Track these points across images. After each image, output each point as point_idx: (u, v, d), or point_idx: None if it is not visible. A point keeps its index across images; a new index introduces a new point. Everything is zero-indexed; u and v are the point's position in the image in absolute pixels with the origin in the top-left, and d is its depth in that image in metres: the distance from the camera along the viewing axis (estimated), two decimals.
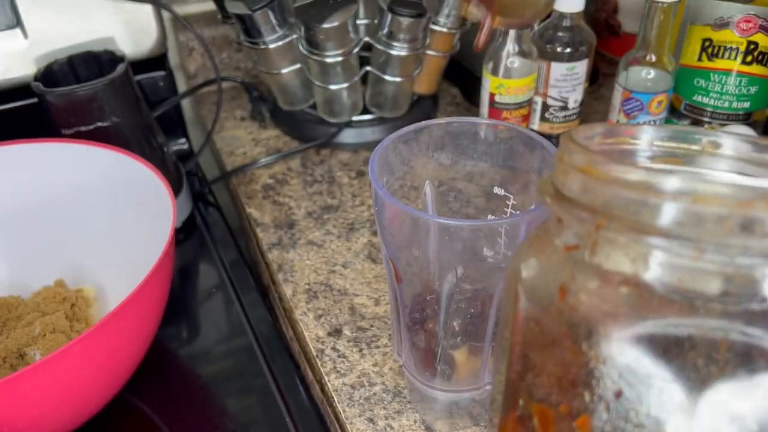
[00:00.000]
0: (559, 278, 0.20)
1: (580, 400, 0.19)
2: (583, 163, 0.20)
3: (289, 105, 0.72)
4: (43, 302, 0.50)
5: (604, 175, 0.19)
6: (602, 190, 0.19)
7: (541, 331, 0.20)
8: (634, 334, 0.18)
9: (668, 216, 0.18)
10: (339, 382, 0.46)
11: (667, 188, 0.18)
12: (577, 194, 0.20)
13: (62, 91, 0.53)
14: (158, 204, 0.47)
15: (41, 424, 0.39)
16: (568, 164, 0.21)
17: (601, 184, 0.19)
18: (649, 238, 0.18)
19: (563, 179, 0.21)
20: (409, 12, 0.61)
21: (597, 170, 0.19)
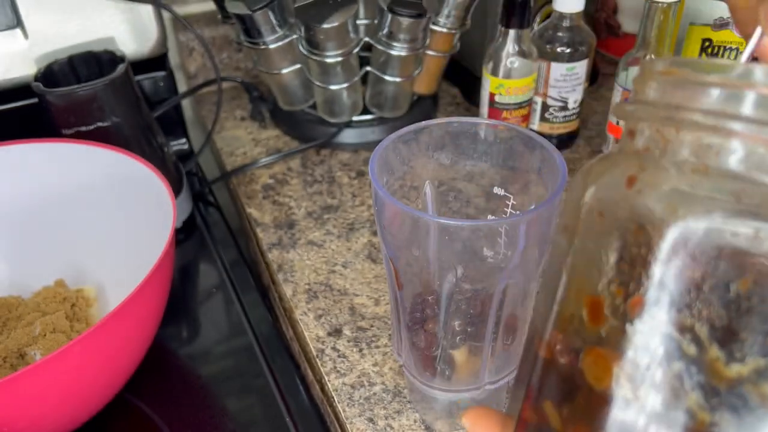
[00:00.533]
0: (627, 172, 0.20)
1: (637, 280, 0.19)
2: (663, 68, 0.21)
3: (289, 105, 0.72)
4: (44, 302, 0.50)
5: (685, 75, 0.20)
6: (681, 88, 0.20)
7: (603, 220, 0.21)
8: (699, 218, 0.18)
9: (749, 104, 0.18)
10: (339, 382, 0.46)
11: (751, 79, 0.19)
12: (656, 99, 0.21)
13: (62, 91, 0.53)
14: (158, 204, 0.47)
15: (41, 424, 0.39)
16: (647, 73, 0.21)
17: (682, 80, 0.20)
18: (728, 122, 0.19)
19: (640, 89, 0.22)
20: (409, 12, 0.61)
21: (679, 71, 0.20)
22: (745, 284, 0.18)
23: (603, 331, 0.20)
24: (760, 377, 0.18)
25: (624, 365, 0.19)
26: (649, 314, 0.19)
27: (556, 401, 0.21)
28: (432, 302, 0.38)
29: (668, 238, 0.19)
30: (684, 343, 0.19)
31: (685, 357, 0.19)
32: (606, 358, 0.20)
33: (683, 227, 0.19)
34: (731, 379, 0.18)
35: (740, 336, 0.18)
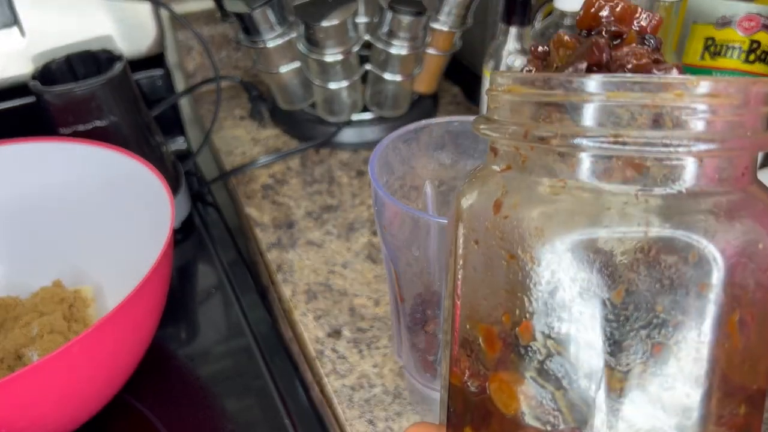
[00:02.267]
0: (492, 196, 0.21)
1: (520, 307, 0.20)
2: (507, 85, 0.22)
3: (288, 104, 0.71)
4: (41, 303, 0.49)
5: (526, 89, 0.21)
6: (527, 104, 0.21)
7: (479, 248, 0.21)
8: (564, 235, 0.19)
9: (588, 115, 0.19)
10: (339, 384, 0.46)
11: (585, 89, 0.19)
12: (506, 116, 0.22)
13: (60, 89, 0.53)
14: (157, 204, 0.46)
15: (39, 424, 0.39)
16: (495, 91, 0.22)
17: (525, 98, 0.21)
18: (573, 139, 0.19)
19: (492, 107, 0.23)
20: (410, 10, 0.60)
21: (520, 87, 0.21)
22: (619, 294, 0.19)
23: (501, 357, 0.21)
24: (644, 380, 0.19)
25: (527, 389, 0.20)
26: (539, 337, 0.20)
27: (475, 426, 0.22)
28: (432, 303, 0.38)
29: (541, 262, 0.19)
30: (577, 358, 0.19)
31: (580, 373, 0.19)
32: (509, 383, 0.20)
33: (551, 249, 0.19)
34: (624, 387, 0.19)
35: (624, 345, 0.19)
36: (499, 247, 0.20)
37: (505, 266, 0.20)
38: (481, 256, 0.21)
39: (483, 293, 0.21)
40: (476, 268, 0.22)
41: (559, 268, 0.19)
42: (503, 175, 0.22)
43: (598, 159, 0.19)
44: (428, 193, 0.41)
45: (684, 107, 0.19)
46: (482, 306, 0.22)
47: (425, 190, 0.41)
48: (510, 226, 0.20)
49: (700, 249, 0.18)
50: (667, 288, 0.19)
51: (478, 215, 0.21)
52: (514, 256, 0.20)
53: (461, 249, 0.22)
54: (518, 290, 0.20)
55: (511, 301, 0.20)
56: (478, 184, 0.22)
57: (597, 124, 0.19)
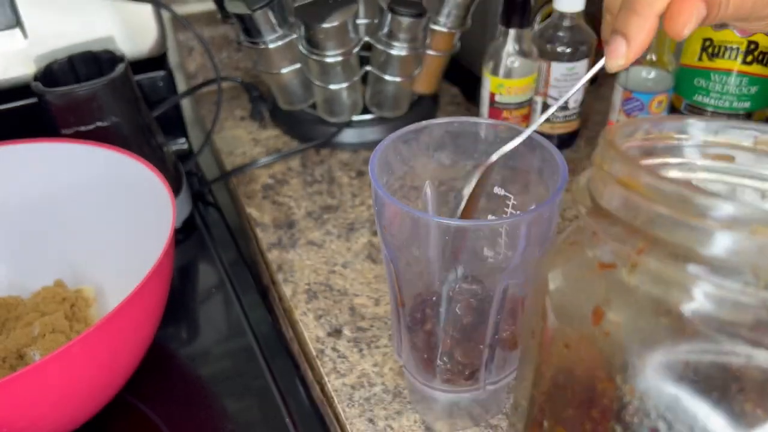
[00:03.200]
0: (592, 298, 0.18)
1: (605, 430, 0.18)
2: (624, 175, 0.18)
3: (288, 105, 0.72)
4: (43, 302, 0.49)
5: (647, 191, 0.17)
6: (646, 208, 0.17)
7: (572, 356, 0.19)
8: (674, 369, 0.17)
9: (719, 246, 0.16)
10: (339, 383, 0.46)
11: (721, 215, 0.16)
12: (617, 209, 0.18)
13: (62, 90, 0.53)
14: (158, 204, 0.47)
15: (41, 424, 0.39)
16: (608, 174, 0.19)
17: (644, 201, 0.17)
18: (695, 267, 0.16)
19: (601, 189, 0.19)
20: (409, 12, 0.61)
21: (640, 185, 0.17)
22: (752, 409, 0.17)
23: None
24: None
25: None
26: None
27: None
28: (432, 302, 0.38)
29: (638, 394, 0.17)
30: None
31: None
32: None
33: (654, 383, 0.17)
34: None
35: None
36: (595, 365, 0.18)
37: (600, 388, 0.18)
38: (572, 362, 0.19)
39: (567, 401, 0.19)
40: (563, 373, 0.19)
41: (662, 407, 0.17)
42: (605, 275, 0.18)
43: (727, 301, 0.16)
44: (428, 193, 0.41)
45: None
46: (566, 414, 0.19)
47: (425, 190, 0.41)
48: (611, 346, 0.17)
49: None
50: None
51: (571, 314, 0.19)
52: (612, 381, 0.18)
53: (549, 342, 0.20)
54: (611, 417, 0.18)
55: (601, 425, 0.18)
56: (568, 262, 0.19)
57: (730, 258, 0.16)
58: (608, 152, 0.19)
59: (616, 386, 0.18)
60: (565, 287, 0.19)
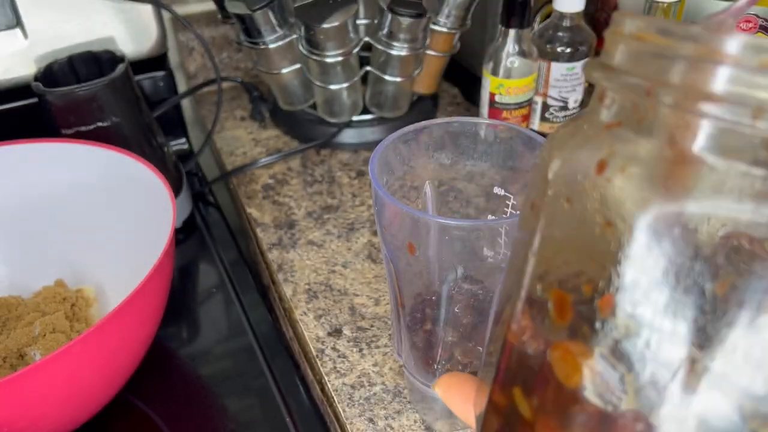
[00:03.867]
0: (596, 155, 0.19)
1: (607, 279, 0.18)
2: (638, 29, 0.18)
3: (289, 105, 0.72)
4: (43, 302, 0.49)
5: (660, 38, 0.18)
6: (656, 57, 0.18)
7: (571, 208, 0.19)
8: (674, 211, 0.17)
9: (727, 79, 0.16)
10: (339, 382, 0.46)
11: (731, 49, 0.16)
12: (628, 62, 0.19)
13: (62, 91, 0.53)
14: (158, 204, 0.47)
15: (41, 424, 0.39)
16: (620, 33, 0.19)
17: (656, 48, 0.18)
18: (705, 103, 0.17)
19: (613, 51, 0.19)
20: (409, 12, 0.61)
21: (653, 35, 0.18)
22: (723, 287, 0.17)
23: (571, 326, 0.19)
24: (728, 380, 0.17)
25: (594, 365, 0.18)
26: (620, 315, 0.18)
27: (526, 389, 0.21)
28: (432, 302, 0.38)
29: (642, 236, 0.17)
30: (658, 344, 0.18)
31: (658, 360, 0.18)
32: (574, 355, 0.19)
33: (656, 223, 0.17)
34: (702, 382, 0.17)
35: (715, 340, 0.17)
36: (595, 211, 0.18)
37: (599, 233, 0.18)
38: (572, 217, 0.19)
39: (565, 257, 0.20)
40: (562, 229, 0.20)
41: (661, 246, 0.17)
42: (611, 132, 0.19)
43: (730, 133, 0.17)
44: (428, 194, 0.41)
45: None
46: (561, 270, 0.20)
47: (425, 191, 0.41)
48: (613, 190, 0.18)
49: None
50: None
51: (575, 171, 0.19)
52: (611, 223, 0.18)
53: (548, 205, 0.20)
54: (608, 262, 0.18)
55: (598, 271, 0.18)
56: (578, 136, 0.20)
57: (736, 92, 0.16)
58: (622, 17, 0.19)
59: (615, 228, 0.18)
60: (568, 154, 0.20)
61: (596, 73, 0.20)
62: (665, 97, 0.17)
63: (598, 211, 0.18)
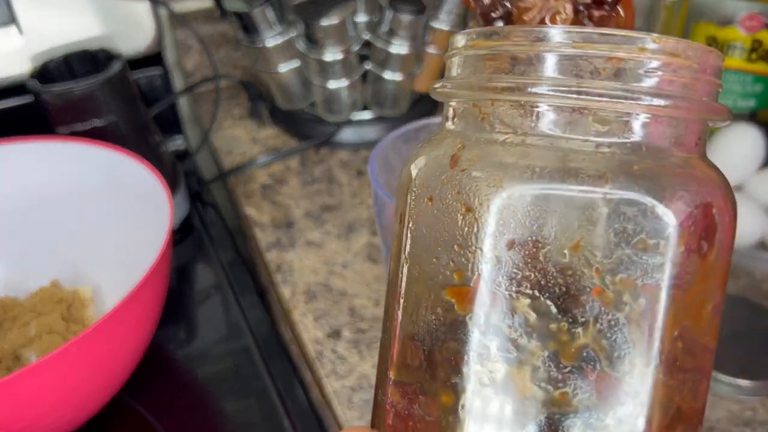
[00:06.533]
0: (449, 152, 0.21)
1: (474, 262, 0.20)
2: (470, 41, 0.21)
3: (288, 104, 0.71)
4: (40, 303, 0.49)
5: (491, 42, 0.21)
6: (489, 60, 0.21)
7: (433, 204, 0.21)
8: (523, 186, 0.19)
9: (551, 66, 0.19)
10: (338, 384, 0.46)
11: (551, 39, 0.19)
12: (467, 74, 0.22)
13: (58, 89, 0.52)
14: (155, 203, 0.46)
15: (37, 426, 0.39)
16: (455, 50, 0.22)
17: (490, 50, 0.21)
18: (535, 87, 0.19)
19: (450, 67, 0.22)
20: (410, 9, 0.60)
21: (483, 41, 0.21)
22: (576, 246, 0.19)
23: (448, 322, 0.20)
24: (600, 335, 0.19)
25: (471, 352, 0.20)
26: (488, 293, 0.20)
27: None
28: None
29: (498, 213, 0.19)
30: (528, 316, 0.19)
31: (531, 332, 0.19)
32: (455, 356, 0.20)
33: (509, 199, 0.19)
34: (578, 346, 0.19)
35: (580, 300, 0.19)
36: (455, 200, 0.20)
37: (461, 219, 0.20)
38: (435, 212, 0.21)
39: (434, 252, 0.21)
40: (428, 227, 0.21)
41: (516, 219, 0.19)
42: (461, 133, 0.21)
43: (559, 111, 0.19)
44: None
45: (646, 61, 0.19)
46: (431, 267, 0.21)
47: None
48: (468, 178, 0.20)
49: (656, 205, 0.19)
50: (625, 242, 0.19)
51: (433, 172, 0.21)
52: (470, 208, 0.20)
53: (412, 210, 0.22)
54: (472, 244, 0.20)
55: (464, 256, 0.20)
56: (432, 147, 0.22)
57: (560, 75, 0.19)
58: (454, 37, 0.22)
59: (474, 212, 0.20)
60: (425, 159, 0.22)
61: (438, 86, 0.22)
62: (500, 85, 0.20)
63: (458, 199, 0.20)
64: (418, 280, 0.21)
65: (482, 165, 0.20)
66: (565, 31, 0.19)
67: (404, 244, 0.22)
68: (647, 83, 0.19)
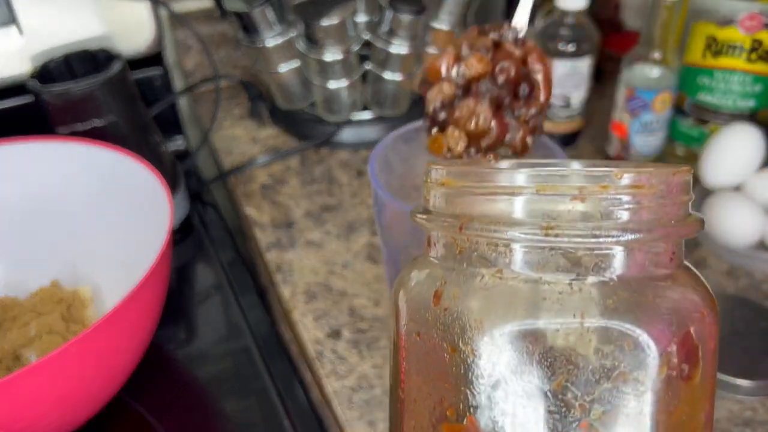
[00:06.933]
0: (432, 286, 0.21)
1: (464, 400, 0.20)
2: (441, 178, 0.22)
3: (287, 104, 0.71)
4: (40, 303, 0.49)
5: (460, 182, 0.21)
6: (461, 197, 0.21)
7: (421, 340, 0.21)
8: (503, 326, 0.19)
9: (519, 208, 0.20)
10: (338, 384, 0.46)
11: (515, 182, 0.20)
12: (441, 206, 0.22)
13: (58, 89, 0.52)
14: (155, 203, 0.46)
15: (37, 426, 0.39)
16: (430, 183, 0.23)
17: (459, 191, 0.21)
18: (504, 230, 0.20)
19: (428, 197, 0.23)
20: (410, 9, 0.60)
21: (453, 180, 0.22)
22: (559, 385, 0.19)
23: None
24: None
25: None
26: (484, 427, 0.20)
27: None
28: None
29: (482, 355, 0.19)
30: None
31: None
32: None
33: (491, 341, 0.19)
34: None
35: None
36: (440, 339, 0.20)
37: (448, 359, 0.20)
38: (424, 348, 0.21)
39: (427, 388, 0.21)
40: (419, 361, 0.22)
41: (499, 360, 0.19)
42: (441, 266, 0.22)
43: (531, 250, 0.20)
44: None
45: (610, 198, 0.19)
46: (427, 401, 0.21)
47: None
48: (450, 318, 0.20)
49: (634, 337, 0.19)
50: (606, 376, 0.19)
51: (419, 306, 0.21)
52: (455, 348, 0.20)
53: (404, 341, 0.22)
54: (461, 384, 0.20)
55: (455, 394, 0.20)
56: (416, 274, 0.23)
57: (528, 216, 0.20)
58: (429, 167, 0.23)
59: (460, 351, 0.20)
60: (413, 292, 0.22)
61: (418, 217, 0.23)
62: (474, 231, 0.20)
63: (443, 338, 0.20)
64: (415, 412, 0.22)
65: (463, 304, 0.20)
66: (530, 173, 0.20)
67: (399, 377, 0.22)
68: (614, 219, 0.19)
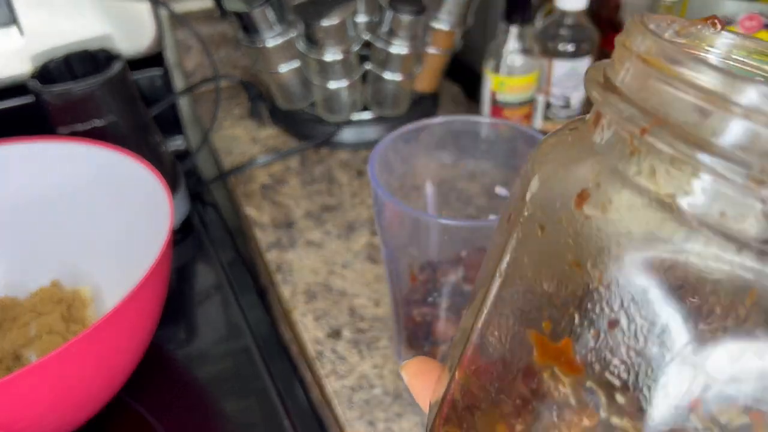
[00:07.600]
0: (580, 182, 0.17)
1: (567, 322, 0.17)
2: (648, 51, 0.17)
3: (287, 104, 0.71)
4: (40, 303, 0.49)
5: (670, 69, 0.16)
6: (662, 88, 0.16)
7: (542, 237, 0.18)
8: (651, 262, 0.16)
9: (732, 134, 0.15)
10: (338, 384, 0.46)
11: (743, 101, 0.14)
12: (631, 87, 0.17)
13: (59, 89, 0.52)
14: (155, 204, 0.46)
15: (37, 426, 0.39)
16: (630, 49, 0.17)
17: (663, 79, 0.16)
18: (702, 155, 0.15)
19: (619, 67, 0.18)
20: (410, 9, 0.60)
21: (664, 63, 0.16)
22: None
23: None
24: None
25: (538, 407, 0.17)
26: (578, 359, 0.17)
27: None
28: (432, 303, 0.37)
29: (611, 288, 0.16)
30: (605, 399, 0.17)
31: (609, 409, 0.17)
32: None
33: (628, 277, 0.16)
34: None
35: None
36: (566, 247, 0.17)
37: (567, 272, 0.17)
38: (542, 246, 0.18)
39: (531, 286, 0.18)
40: (531, 256, 0.18)
41: (631, 301, 0.16)
42: (600, 159, 0.17)
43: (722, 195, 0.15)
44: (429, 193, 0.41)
45: None
46: (526, 296, 0.18)
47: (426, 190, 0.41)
48: (588, 230, 0.16)
49: None
50: None
51: (554, 197, 0.18)
52: (581, 267, 0.17)
53: (522, 225, 0.18)
54: (572, 305, 0.17)
55: (560, 311, 0.17)
56: (564, 152, 0.18)
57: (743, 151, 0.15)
58: (637, 27, 0.17)
59: (585, 271, 0.16)
60: (550, 174, 0.18)
61: (596, 91, 0.18)
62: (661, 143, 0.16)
63: (570, 247, 0.17)
64: (507, 301, 0.19)
65: (609, 220, 0.16)
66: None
67: (503, 258, 0.19)
68: None
